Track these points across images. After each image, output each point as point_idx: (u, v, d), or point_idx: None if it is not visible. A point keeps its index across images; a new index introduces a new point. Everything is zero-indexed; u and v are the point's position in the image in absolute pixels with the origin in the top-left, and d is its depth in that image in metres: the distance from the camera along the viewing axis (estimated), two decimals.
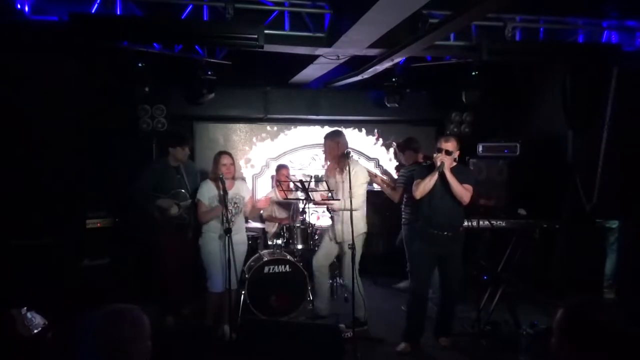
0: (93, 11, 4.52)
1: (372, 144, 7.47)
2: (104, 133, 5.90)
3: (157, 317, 4.64)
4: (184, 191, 4.79)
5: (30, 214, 4.69)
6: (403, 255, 5.86)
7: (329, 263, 5.01)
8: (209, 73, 5.69)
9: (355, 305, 4.33)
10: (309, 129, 7.23)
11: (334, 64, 5.75)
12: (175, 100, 6.38)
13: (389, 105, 6.54)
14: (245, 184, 4.84)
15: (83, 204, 5.28)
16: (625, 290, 5.26)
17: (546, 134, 6.32)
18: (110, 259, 5.31)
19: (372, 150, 7.48)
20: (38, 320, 3.63)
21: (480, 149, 6.25)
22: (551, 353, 1.62)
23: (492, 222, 5.02)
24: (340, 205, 4.54)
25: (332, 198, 4.57)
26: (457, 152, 4.24)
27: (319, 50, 5.19)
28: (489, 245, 5.08)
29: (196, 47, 5.55)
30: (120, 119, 6.18)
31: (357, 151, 7.27)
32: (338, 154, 4.68)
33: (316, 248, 5.17)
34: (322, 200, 4.79)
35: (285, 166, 6.35)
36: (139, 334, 1.61)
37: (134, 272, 5.44)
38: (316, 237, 5.47)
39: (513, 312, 4.71)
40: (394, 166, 6.78)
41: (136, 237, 5.44)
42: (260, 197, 6.31)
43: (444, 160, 4.09)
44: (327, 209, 4.89)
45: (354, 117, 7.30)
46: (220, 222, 4.37)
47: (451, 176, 4.10)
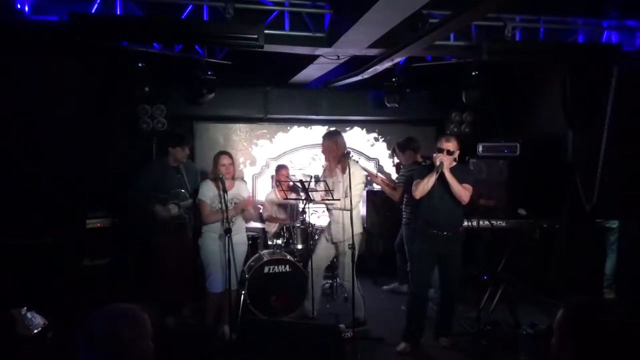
0: (93, 11, 4.52)
1: (371, 144, 7.48)
2: (104, 133, 5.90)
3: (157, 317, 4.64)
4: (184, 191, 4.79)
5: (30, 214, 4.69)
6: (399, 256, 5.88)
7: (326, 264, 4.99)
8: (209, 73, 5.69)
9: (355, 305, 4.33)
10: (309, 129, 7.24)
11: (334, 64, 5.75)
12: (175, 100, 6.39)
13: (389, 105, 6.54)
14: (245, 184, 4.83)
15: (83, 204, 5.27)
16: (625, 290, 5.26)
17: (546, 134, 6.32)
18: (110, 259, 5.31)
19: (372, 150, 7.49)
20: (38, 320, 3.64)
21: (480, 149, 6.25)
22: (551, 353, 1.62)
23: (492, 222, 5.03)
24: (340, 205, 4.54)
25: (332, 198, 4.57)
26: (457, 152, 4.24)
27: (319, 50, 5.19)
28: (489, 245, 5.07)
29: (196, 47, 5.55)
30: (120, 119, 6.19)
31: (357, 151, 7.27)
32: (337, 154, 4.68)
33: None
34: (322, 199, 4.78)
35: (285, 166, 6.34)
36: (140, 334, 1.59)
37: (134, 272, 5.43)
38: (316, 237, 5.44)
39: (513, 312, 4.71)
40: (394, 163, 6.78)
41: (136, 237, 5.44)
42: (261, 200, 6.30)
43: (443, 160, 4.09)
44: (327, 209, 4.88)
45: (354, 117, 7.30)
46: (221, 222, 4.36)
47: (451, 176, 4.10)
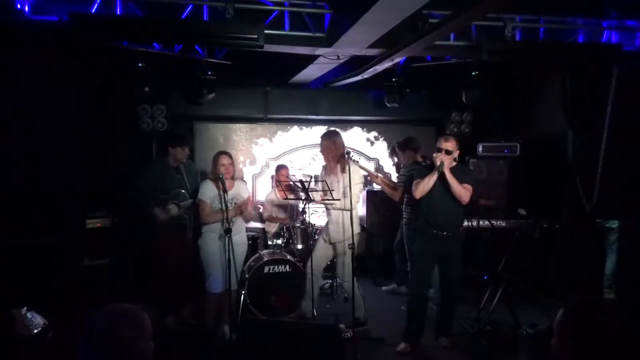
0: (93, 11, 4.52)
1: (371, 144, 7.47)
2: (104, 133, 5.90)
3: (157, 317, 4.64)
4: (184, 191, 4.79)
5: (30, 214, 4.69)
6: (399, 256, 5.88)
7: (325, 265, 4.98)
8: (209, 73, 5.69)
9: (355, 305, 4.33)
10: (309, 129, 7.23)
11: (334, 64, 5.75)
12: (175, 100, 6.39)
13: (389, 105, 6.54)
14: (245, 184, 4.82)
15: (83, 204, 5.27)
16: (625, 290, 5.26)
17: (546, 134, 6.32)
18: (110, 259, 5.31)
19: (372, 150, 7.48)
20: (38, 320, 3.64)
21: (480, 149, 6.26)
22: (551, 353, 1.62)
23: (492, 222, 5.03)
24: (340, 205, 4.54)
25: (332, 198, 4.57)
26: (457, 152, 4.25)
27: (319, 50, 5.19)
28: (489, 245, 5.07)
29: (196, 47, 5.55)
30: (120, 119, 6.19)
31: (357, 151, 7.27)
32: (336, 154, 4.67)
33: None
34: (322, 199, 4.78)
35: (285, 166, 6.34)
36: (140, 334, 1.59)
37: (134, 272, 5.44)
38: (316, 237, 5.44)
39: (513, 312, 4.71)
40: (394, 163, 6.77)
41: (136, 237, 5.44)
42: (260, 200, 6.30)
43: (443, 160, 4.09)
44: (326, 209, 4.86)
45: (354, 117, 7.30)
46: (221, 222, 4.36)
47: (451, 176, 4.10)
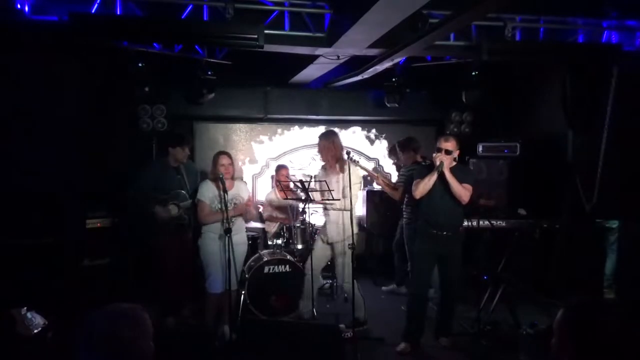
0: (93, 11, 4.52)
1: (371, 144, 7.47)
2: (104, 133, 5.90)
3: (157, 318, 4.64)
4: (184, 192, 4.79)
5: (30, 214, 4.69)
6: (398, 257, 5.88)
7: (323, 265, 4.96)
8: (209, 73, 5.69)
9: (355, 306, 4.33)
10: (309, 129, 7.23)
11: (334, 64, 5.75)
12: (175, 100, 6.39)
13: (389, 105, 6.54)
14: (245, 185, 4.82)
15: (83, 204, 5.27)
16: (625, 290, 5.25)
17: (546, 134, 6.32)
18: (110, 259, 5.30)
19: (372, 150, 7.48)
20: (38, 320, 3.64)
21: (480, 149, 6.26)
22: (551, 353, 1.62)
23: (492, 222, 5.03)
24: (341, 205, 4.54)
25: (332, 198, 4.57)
26: (457, 152, 4.24)
27: (319, 50, 5.19)
28: (489, 245, 5.07)
29: (196, 47, 5.55)
30: (120, 119, 6.19)
31: (357, 151, 7.27)
32: (336, 154, 4.67)
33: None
34: (322, 199, 4.77)
35: (285, 166, 6.34)
36: (141, 334, 1.58)
37: (134, 272, 5.43)
38: (315, 237, 5.44)
39: (513, 312, 4.71)
40: (394, 162, 6.77)
41: (136, 237, 5.43)
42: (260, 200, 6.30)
43: (443, 160, 4.09)
44: (324, 209, 4.83)
45: (354, 117, 7.30)
46: (221, 222, 4.35)
47: (450, 176, 4.10)
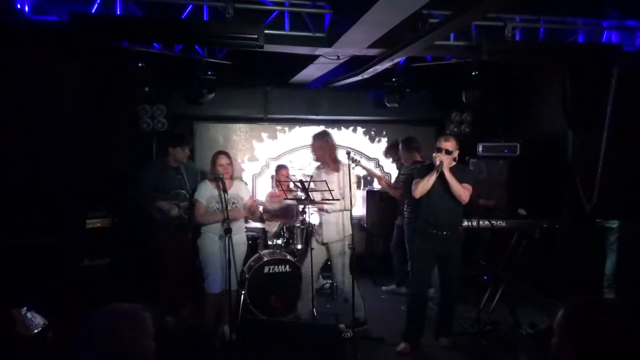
0: (93, 11, 4.51)
1: (371, 144, 7.47)
2: (104, 133, 5.90)
3: (157, 318, 4.64)
4: (184, 192, 4.79)
5: (30, 214, 4.69)
6: (397, 257, 5.88)
7: (320, 265, 4.93)
8: (209, 73, 5.69)
9: (355, 306, 4.33)
10: (309, 129, 7.21)
11: (334, 64, 5.75)
12: (175, 100, 6.39)
13: (389, 105, 6.54)
14: (245, 185, 4.82)
15: (83, 204, 5.27)
16: (625, 290, 5.26)
17: (546, 134, 6.32)
18: (110, 259, 5.31)
19: (372, 150, 7.48)
20: (38, 320, 3.64)
21: (480, 149, 6.26)
22: (551, 353, 1.62)
23: (492, 222, 5.03)
24: (340, 205, 4.54)
25: (332, 198, 4.57)
26: (457, 152, 4.24)
27: (319, 50, 5.19)
28: (489, 245, 5.07)
29: (196, 47, 5.55)
30: (120, 119, 6.19)
31: (357, 151, 7.27)
32: (332, 153, 4.66)
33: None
34: (322, 199, 4.76)
35: (284, 166, 6.34)
36: (141, 334, 1.58)
37: (134, 272, 5.43)
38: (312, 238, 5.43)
39: (513, 312, 4.72)
40: (393, 160, 6.77)
41: (136, 237, 5.44)
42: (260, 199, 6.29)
43: (443, 160, 4.09)
44: (321, 209, 4.76)
45: (354, 117, 7.30)
46: (220, 223, 4.35)
47: (450, 175, 4.10)
